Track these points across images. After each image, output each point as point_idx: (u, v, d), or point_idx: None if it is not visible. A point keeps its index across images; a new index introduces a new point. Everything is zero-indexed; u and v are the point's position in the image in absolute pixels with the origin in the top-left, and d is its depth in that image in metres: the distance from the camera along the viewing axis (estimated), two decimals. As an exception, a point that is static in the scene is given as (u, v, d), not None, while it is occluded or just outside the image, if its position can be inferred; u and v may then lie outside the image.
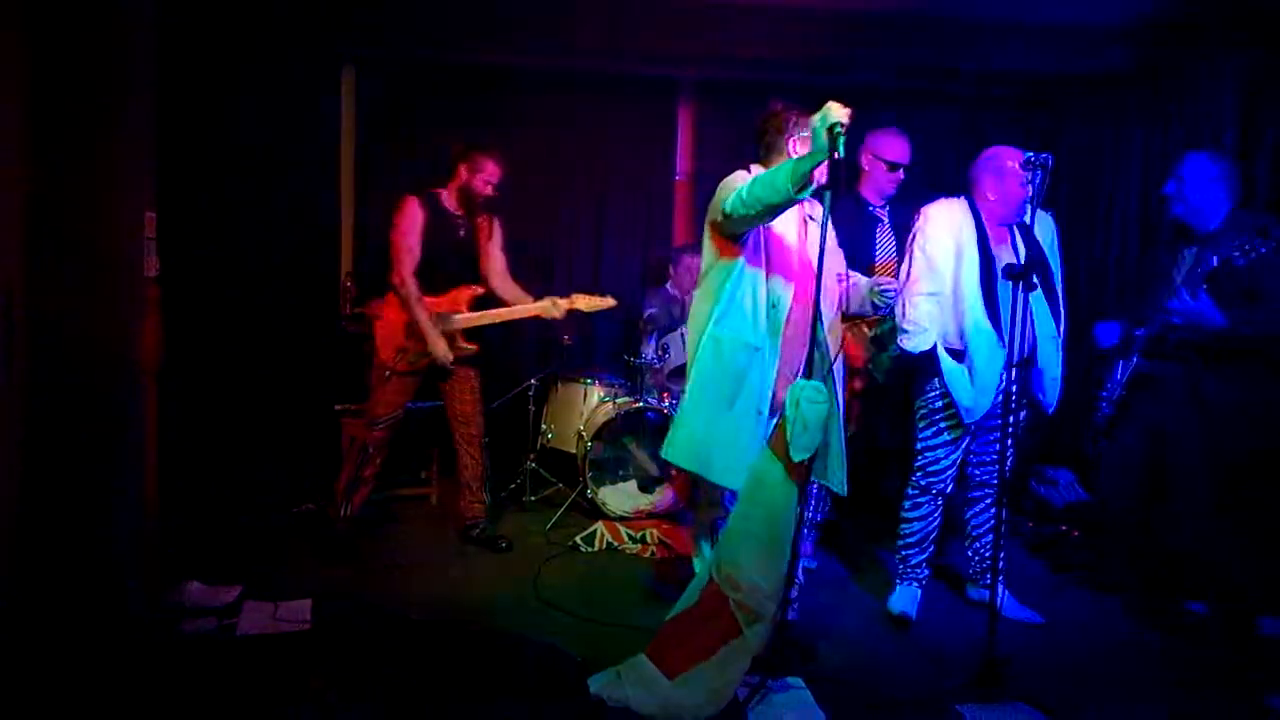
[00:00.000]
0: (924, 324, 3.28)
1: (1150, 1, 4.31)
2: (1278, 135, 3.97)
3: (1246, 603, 3.32)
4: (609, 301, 4.11)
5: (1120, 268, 4.88)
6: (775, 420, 2.77)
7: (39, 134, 2.45)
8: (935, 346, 3.28)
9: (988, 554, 3.45)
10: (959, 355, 3.28)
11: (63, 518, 2.60)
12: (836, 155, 2.48)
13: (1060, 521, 4.48)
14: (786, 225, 3.01)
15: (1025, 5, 4.52)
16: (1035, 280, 3.07)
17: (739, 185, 2.78)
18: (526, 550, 4.16)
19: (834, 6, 4.71)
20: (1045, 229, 3.36)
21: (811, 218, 3.07)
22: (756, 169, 2.99)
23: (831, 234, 2.76)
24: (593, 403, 4.96)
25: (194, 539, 3.72)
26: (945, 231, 3.29)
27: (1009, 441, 2.99)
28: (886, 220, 3.97)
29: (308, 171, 4.98)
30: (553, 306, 3.99)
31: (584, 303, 4.03)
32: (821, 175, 2.63)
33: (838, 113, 2.48)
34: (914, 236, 3.37)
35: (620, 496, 4.74)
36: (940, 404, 3.33)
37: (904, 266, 3.42)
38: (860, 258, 3.75)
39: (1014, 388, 2.96)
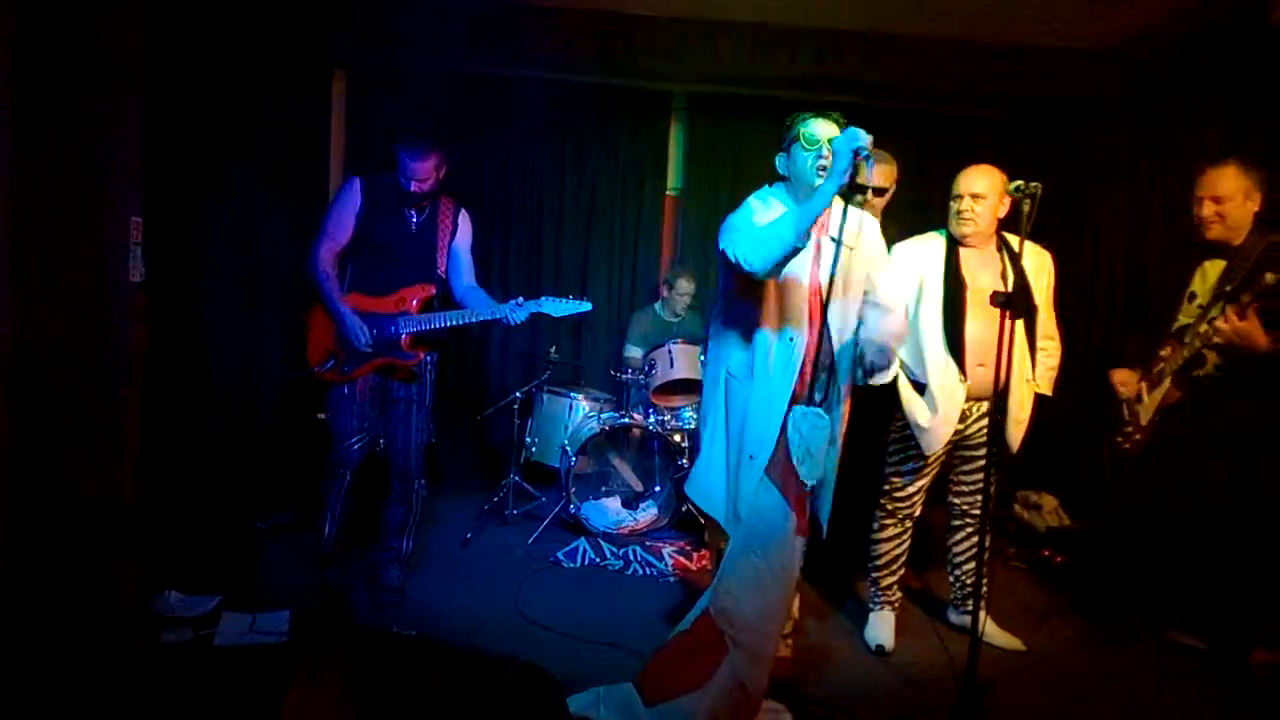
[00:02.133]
0: None
1: (1138, 28, 4.36)
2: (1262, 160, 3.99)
3: (1244, 635, 3.31)
4: (580, 306, 3.56)
5: (1110, 293, 4.89)
6: (773, 451, 2.58)
7: (25, 136, 2.42)
8: (896, 379, 3.29)
9: (970, 580, 3.46)
10: (921, 388, 3.28)
11: (47, 525, 2.56)
12: (859, 181, 2.38)
13: (1044, 547, 4.49)
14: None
15: (1014, 28, 4.56)
16: (1028, 308, 3.04)
17: (745, 225, 2.56)
18: (508, 565, 4.13)
19: (827, 28, 4.74)
20: (1041, 266, 3.29)
21: (833, 238, 2.73)
22: (759, 206, 2.73)
23: (858, 258, 2.73)
24: (578, 417, 4.94)
25: (172, 547, 3.67)
26: (904, 270, 3.28)
27: (991, 470, 2.97)
28: None
29: (296, 177, 4.96)
30: (515, 309, 3.42)
31: (550, 306, 3.50)
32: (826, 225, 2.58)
33: (864, 137, 2.35)
34: None
35: (603, 512, 4.72)
36: (907, 433, 3.34)
37: None
38: None
39: (997, 415, 2.93)
